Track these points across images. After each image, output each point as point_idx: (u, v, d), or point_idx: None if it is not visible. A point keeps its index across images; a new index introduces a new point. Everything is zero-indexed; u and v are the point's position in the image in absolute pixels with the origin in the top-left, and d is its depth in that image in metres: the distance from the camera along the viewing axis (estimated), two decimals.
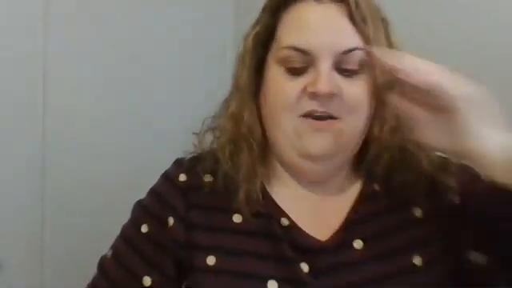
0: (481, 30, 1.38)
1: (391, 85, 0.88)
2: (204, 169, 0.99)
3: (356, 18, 0.91)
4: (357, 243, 0.94)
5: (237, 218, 0.96)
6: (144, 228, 0.98)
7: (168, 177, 1.01)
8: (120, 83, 1.73)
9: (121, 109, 1.74)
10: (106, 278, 1.00)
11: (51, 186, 1.63)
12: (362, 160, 0.98)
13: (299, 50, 0.91)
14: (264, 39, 0.96)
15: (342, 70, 0.91)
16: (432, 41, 1.43)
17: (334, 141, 0.91)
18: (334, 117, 0.91)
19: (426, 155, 0.96)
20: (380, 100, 0.92)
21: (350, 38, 0.91)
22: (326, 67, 0.89)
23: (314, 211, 0.97)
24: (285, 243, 0.93)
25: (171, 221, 0.96)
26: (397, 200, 0.96)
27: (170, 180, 1.00)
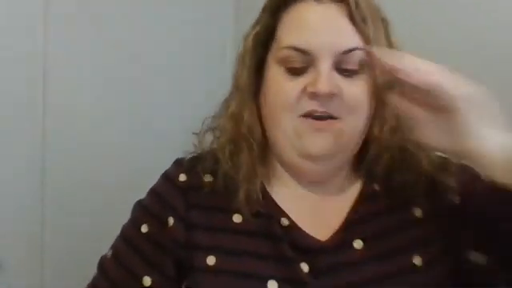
0: (481, 30, 1.38)
1: (391, 85, 0.88)
2: (204, 169, 0.99)
3: (356, 18, 0.91)
4: (357, 243, 0.94)
5: (237, 218, 0.96)
6: (144, 228, 0.98)
7: (168, 177, 1.00)
8: (120, 83, 1.73)
9: (121, 109, 1.74)
10: (106, 278, 1.00)
11: (51, 186, 1.63)
12: (362, 160, 0.97)
13: (299, 50, 0.91)
14: (264, 39, 0.96)
15: (342, 70, 0.91)
16: (432, 41, 1.43)
17: (334, 141, 0.91)
18: (334, 117, 0.91)
19: (426, 155, 0.95)
20: (380, 100, 0.92)
21: (350, 38, 0.91)
22: (326, 67, 0.89)
23: (314, 211, 0.97)
24: (285, 243, 0.93)
25: (171, 221, 0.96)
26: (397, 200, 0.96)
27: (170, 180, 0.99)
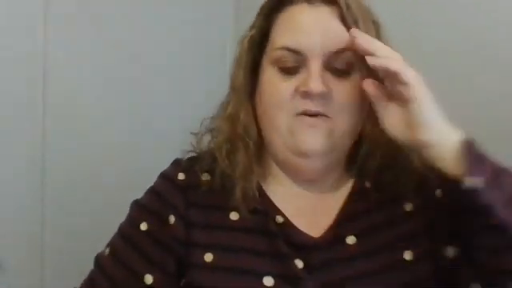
0: (481, 30, 1.38)
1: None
2: (202, 168, 1.00)
3: (347, 20, 0.93)
4: (350, 239, 0.96)
5: (234, 216, 0.97)
6: (143, 226, 0.99)
7: (167, 176, 1.02)
8: (120, 83, 1.73)
9: (121, 109, 1.73)
10: (104, 275, 1.01)
11: (51, 186, 1.63)
12: (355, 159, 1.00)
13: (291, 51, 0.93)
14: (259, 41, 0.99)
15: (334, 70, 0.93)
16: (432, 41, 1.43)
17: (326, 139, 0.93)
18: (326, 115, 0.93)
19: (417, 151, 0.96)
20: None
21: (341, 39, 0.92)
22: (317, 67, 0.92)
23: (308, 209, 0.99)
24: (280, 240, 0.95)
25: (172, 219, 0.97)
26: (388, 196, 0.99)
27: (170, 179, 1.01)
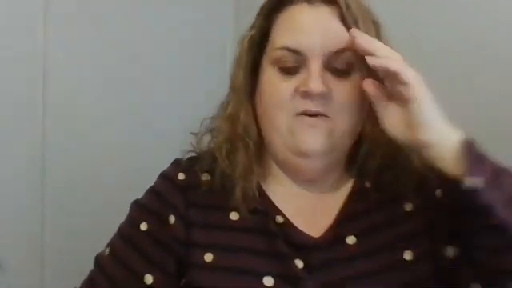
0: (481, 30, 1.38)
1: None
2: (202, 168, 1.00)
3: (347, 20, 0.93)
4: (350, 239, 0.96)
5: (234, 216, 0.97)
6: (143, 226, 0.99)
7: (167, 176, 1.02)
8: (120, 83, 1.73)
9: (121, 109, 1.73)
10: (105, 275, 1.00)
11: (51, 186, 1.63)
12: (355, 159, 1.00)
13: (291, 50, 0.93)
14: (259, 41, 0.99)
15: (334, 71, 0.93)
16: (432, 41, 1.43)
17: (326, 138, 0.93)
18: (326, 115, 0.93)
19: (417, 151, 0.96)
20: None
21: (341, 39, 0.92)
22: (317, 67, 0.92)
23: (308, 209, 0.99)
24: (280, 240, 0.95)
25: (172, 219, 0.97)
26: (388, 196, 0.99)
27: (170, 179, 1.01)
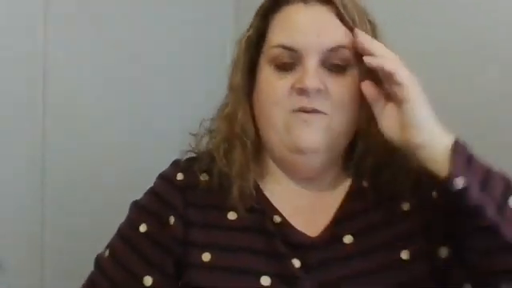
0: (481, 30, 1.38)
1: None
2: (200, 168, 1.01)
3: (344, 18, 0.94)
4: (347, 238, 0.96)
5: (232, 216, 0.98)
6: (143, 227, 0.99)
7: (166, 177, 1.02)
8: (120, 83, 1.73)
9: (121, 109, 1.73)
10: (105, 276, 1.00)
11: (51, 186, 1.63)
12: (352, 158, 1.00)
13: (287, 48, 0.94)
14: (256, 41, 0.99)
15: (330, 68, 0.94)
16: (432, 41, 1.43)
17: (322, 135, 0.93)
18: (322, 112, 0.93)
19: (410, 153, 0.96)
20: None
21: (337, 36, 0.93)
22: (313, 64, 0.93)
23: (306, 208, 0.99)
24: (277, 239, 0.95)
25: (172, 220, 0.97)
26: (385, 195, 0.99)
27: (169, 180, 1.01)
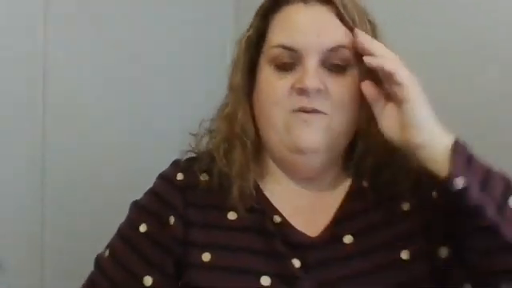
0: (481, 30, 1.38)
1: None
2: (200, 168, 1.01)
3: (344, 18, 0.94)
4: (347, 238, 0.96)
5: (232, 216, 0.98)
6: (143, 227, 0.99)
7: (166, 177, 1.02)
8: (120, 83, 1.73)
9: (121, 109, 1.73)
10: (105, 276, 1.01)
11: (51, 186, 1.63)
12: (352, 158, 1.00)
13: (287, 48, 0.94)
14: (256, 42, 0.99)
15: (330, 68, 0.94)
16: (432, 41, 1.43)
17: (322, 135, 0.94)
18: (322, 112, 0.93)
19: (410, 153, 0.96)
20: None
21: (337, 36, 0.94)
22: (313, 64, 0.93)
23: (306, 208, 0.99)
24: (277, 239, 0.95)
25: (172, 220, 0.97)
26: (385, 196, 0.99)
27: (169, 180, 1.01)
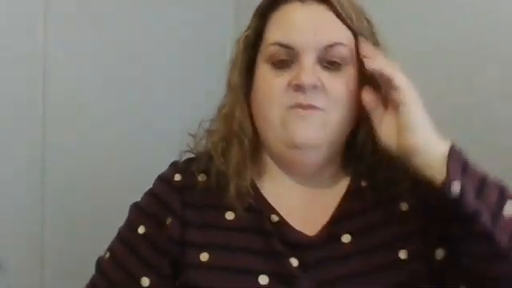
0: (481, 30, 1.38)
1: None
2: (198, 168, 1.01)
3: (341, 16, 0.95)
4: (345, 238, 0.97)
5: (229, 215, 0.98)
6: (141, 229, 0.99)
7: (164, 178, 1.02)
8: (120, 83, 1.73)
9: (121, 109, 1.73)
10: (105, 279, 1.01)
11: (51, 186, 1.63)
12: (350, 157, 1.00)
13: (284, 46, 0.95)
14: (253, 41, 1.00)
15: (326, 65, 0.95)
16: (431, 41, 1.43)
17: (319, 131, 0.94)
18: (319, 108, 0.94)
19: (407, 159, 0.97)
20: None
21: (333, 34, 0.94)
22: (309, 61, 0.93)
23: (304, 207, 0.99)
24: (275, 239, 0.96)
25: (169, 220, 0.98)
26: (384, 195, 0.99)
27: (167, 181, 1.01)
